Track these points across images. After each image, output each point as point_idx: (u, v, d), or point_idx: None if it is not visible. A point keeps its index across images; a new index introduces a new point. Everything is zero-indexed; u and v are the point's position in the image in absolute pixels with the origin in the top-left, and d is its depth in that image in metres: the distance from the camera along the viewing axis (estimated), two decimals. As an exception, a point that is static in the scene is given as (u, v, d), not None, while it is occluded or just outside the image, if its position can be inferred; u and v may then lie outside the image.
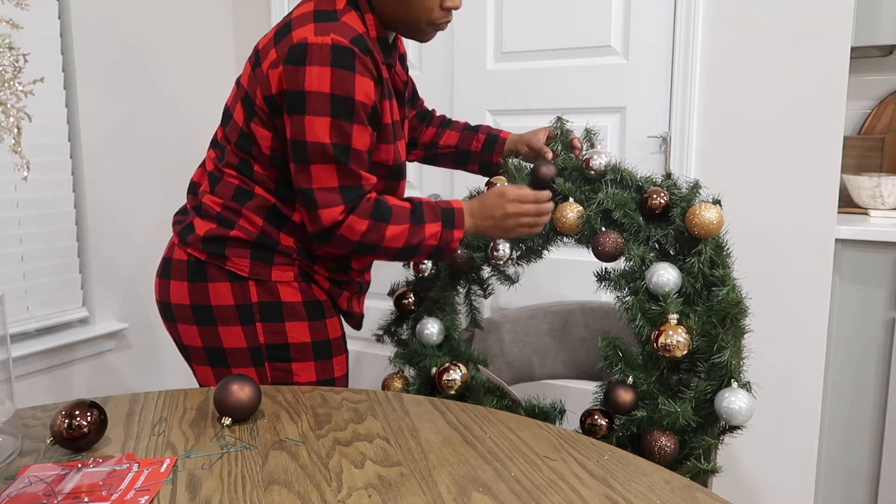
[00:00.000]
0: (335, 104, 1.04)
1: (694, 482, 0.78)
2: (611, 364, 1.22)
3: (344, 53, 1.03)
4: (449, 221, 1.16)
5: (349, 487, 0.76)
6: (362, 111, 1.07)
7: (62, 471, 0.80)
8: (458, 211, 1.17)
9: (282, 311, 1.19)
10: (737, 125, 1.83)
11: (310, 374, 1.22)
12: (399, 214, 1.14)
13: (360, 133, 1.08)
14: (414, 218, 1.15)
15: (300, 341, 1.21)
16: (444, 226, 1.15)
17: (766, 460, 1.89)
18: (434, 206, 1.17)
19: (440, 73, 2.20)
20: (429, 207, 1.16)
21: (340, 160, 1.08)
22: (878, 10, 1.86)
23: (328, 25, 1.05)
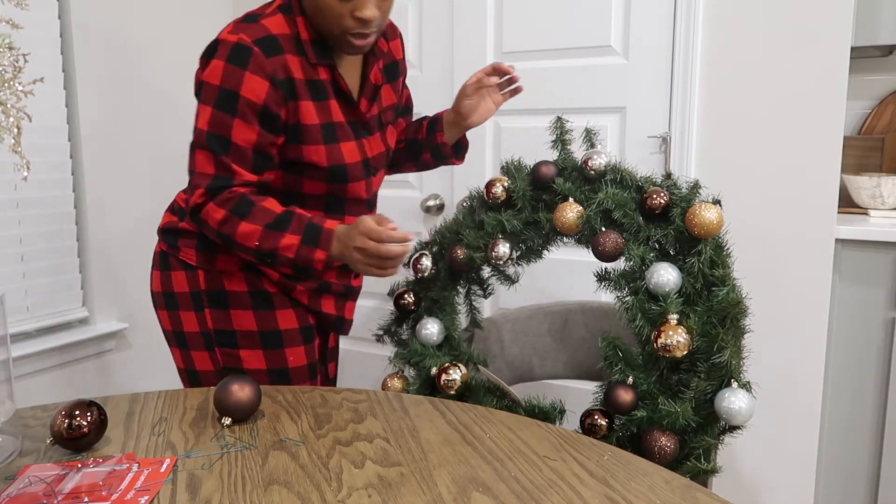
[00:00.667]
0: (220, 96, 1.09)
1: (694, 482, 0.78)
2: (611, 364, 1.22)
3: (241, 51, 1.08)
4: (312, 239, 1.10)
5: (349, 487, 0.76)
6: (248, 108, 1.09)
7: (62, 471, 0.80)
8: (325, 231, 1.11)
9: (227, 299, 1.25)
10: (737, 125, 1.83)
11: (259, 361, 1.26)
12: (259, 215, 1.11)
13: (241, 129, 1.10)
14: (273, 224, 1.11)
15: (246, 329, 1.25)
16: (303, 241, 1.10)
17: (766, 460, 1.89)
18: (305, 220, 1.12)
19: (440, 73, 2.20)
20: (298, 220, 1.12)
21: (214, 150, 1.11)
22: (878, 10, 1.86)
23: (244, 26, 1.11)
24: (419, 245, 1.51)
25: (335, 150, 1.19)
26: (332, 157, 1.19)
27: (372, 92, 1.24)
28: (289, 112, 1.13)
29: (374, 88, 1.24)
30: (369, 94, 1.24)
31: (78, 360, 2.01)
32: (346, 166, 1.20)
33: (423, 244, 1.50)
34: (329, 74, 1.17)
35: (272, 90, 1.10)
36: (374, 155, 1.27)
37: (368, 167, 1.26)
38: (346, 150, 1.20)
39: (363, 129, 1.24)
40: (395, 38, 1.33)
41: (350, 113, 1.21)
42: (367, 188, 1.27)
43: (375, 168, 1.29)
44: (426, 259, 1.46)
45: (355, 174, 1.22)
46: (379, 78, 1.26)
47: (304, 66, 1.14)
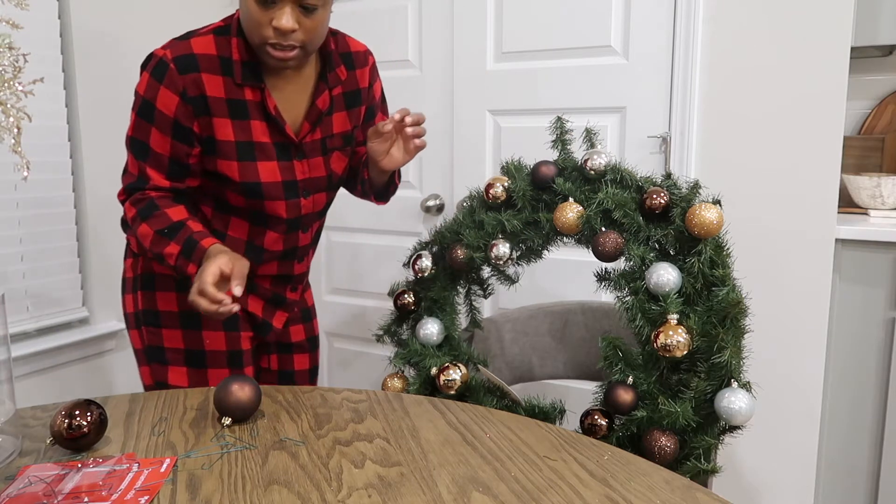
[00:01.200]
0: (142, 105, 1.18)
1: (694, 482, 0.78)
2: (611, 364, 1.22)
3: (161, 66, 1.16)
4: (187, 252, 1.15)
5: (349, 487, 0.76)
6: (162, 119, 1.17)
7: (62, 471, 0.80)
8: (199, 248, 1.14)
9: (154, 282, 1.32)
10: (737, 125, 1.83)
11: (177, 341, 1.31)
12: (157, 220, 1.18)
13: (158, 137, 1.19)
14: (164, 230, 1.17)
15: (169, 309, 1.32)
16: (181, 252, 1.16)
17: (766, 460, 1.89)
18: (188, 234, 1.16)
19: (440, 73, 2.20)
20: (184, 232, 1.16)
21: (136, 154, 1.21)
22: (878, 10, 1.86)
23: (173, 42, 1.18)
24: (419, 245, 1.51)
25: (249, 167, 1.22)
26: (244, 173, 1.22)
27: (315, 116, 1.27)
28: (201, 126, 1.19)
29: (319, 114, 1.27)
30: (312, 118, 1.27)
31: (78, 360, 2.01)
32: (260, 184, 1.23)
33: (423, 244, 1.50)
34: (258, 96, 1.21)
35: (181, 105, 1.16)
36: (308, 178, 1.29)
37: (295, 189, 1.28)
38: (264, 170, 1.24)
39: (296, 152, 1.27)
40: (363, 66, 1.34)
41: (277, 134, 1.24)
42: (291, 209, 1.29)
43: (307, 190, 1.30)
44: (426, 259, 1.45)
45: (273, 193, 1.25)
46: (327, 104, 1.28)
47: (228, 86, 1.19)
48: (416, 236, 2.28)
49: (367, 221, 2.41)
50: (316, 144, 1.29)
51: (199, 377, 1.31)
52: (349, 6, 2.33)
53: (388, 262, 2.38)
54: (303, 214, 1.32)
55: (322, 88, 1.27)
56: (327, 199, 1.37)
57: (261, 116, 1.22)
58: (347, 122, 1.33)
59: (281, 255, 1.35)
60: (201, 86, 1.17)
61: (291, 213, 1.29)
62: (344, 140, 1.34)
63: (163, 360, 1.31)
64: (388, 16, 2.26)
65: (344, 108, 1.32)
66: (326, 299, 2.56)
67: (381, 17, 2.28)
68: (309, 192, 1.31)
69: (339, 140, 1.33)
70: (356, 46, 1.35)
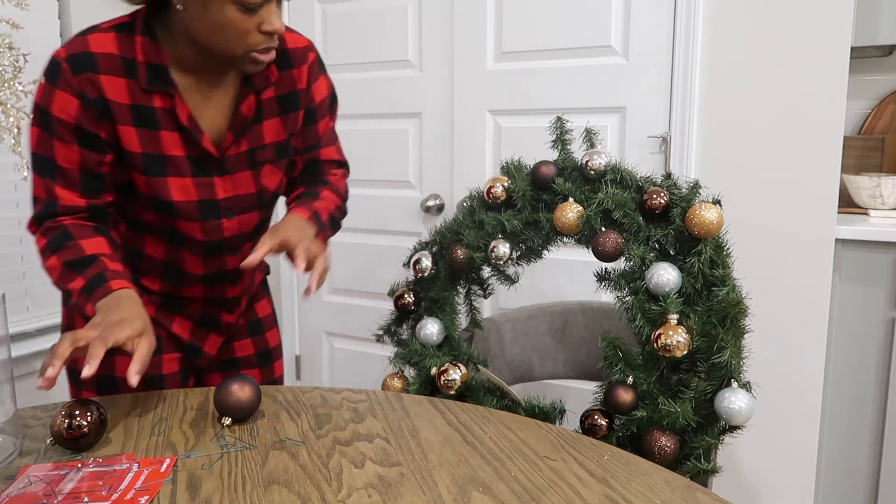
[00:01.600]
0: (39, 115, 1.02)
1: (694, 482, 0.78)
2: (611, 364, 1.22)
3: (54, 66, 1.01)
4: (90, 290, 0.99)
5: (349, 487, 0.76)
6: (62, 127, 1.01)
7: (62, 471, 0.80)
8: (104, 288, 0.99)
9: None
10: (737, 125, 1.83)
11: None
12: (67, 252, 1.01)
13: (62, 149, 1.02)
14: (72, 263, 1.01)
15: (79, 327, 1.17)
16: (83, 289, 0.99)
17: (766, 460, 1.89)
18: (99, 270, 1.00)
19: (440, 73, 2.20)
20: (94, 267, 1.00)
21: (41, 173, 1.04)
22: (878, 10, 1.86)
23: (70, 40, 1.04)
24: (419, 245, 1.51)
25: (159, 183, 1.07)
26: (153, 189, 1.07)
27: (240, 125, 1.10)
28: (108, 133, 1.04)
29: (244, 122, 1.10)
30: (236, 127, 1.10)
31: (78, 360, 2.01)
32: (171, 203, 1.08)
33: (423, 244, 1.50)
34: (167, 102, 1.05)
35: (82, 108, 1.01)
36: (232, 196, 1.13)
37: (215, 209, 1.12)
38: (175, 187, 1.08)
39: (217, 167, 1.10)
40: (301, 64, 1.15)
41: (193, 147, 1.08)
42: (210, 231, 1.13)
43: (230, 210, 1.13)
44: (426, 259, 1.45)
45: (187, 214, 1.10)
46: (253, 110, 1.11)
47: (133, 90, 1.03)
48: (416, 236, 2.28)
49: (367, 221, 2.41)
50: (242, 157, 1.12)
51: None
52: (349, 6, 2.33)
53: (388, 262, 2.38)
54: (226, 237, 1.15)
55: (247, 92, 1.09)
56: (260, 217, 1.20)
57: (172, 126, 1.06)
58: (282, 131, 1.16)
59: (203, 278, 1.19)
60: (100, 88, 1.01)
61: (211, 235, 1.14)
62: (277, 151, 1.16)
63: (77, 384, 1.19)
64: (388, 16, 2.26)
65: (277, 113, 1.14)
66: (326, 299, 2.56)
67: (381, 17, 2.28)
68: (233, 213, 1.14)
69: (272, 152, 1.15)
70: (294, 42, 1.15)
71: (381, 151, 2.35)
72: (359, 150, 2.39)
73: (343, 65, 2.38)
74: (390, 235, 2.37)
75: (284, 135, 1.16)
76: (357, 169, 2.41)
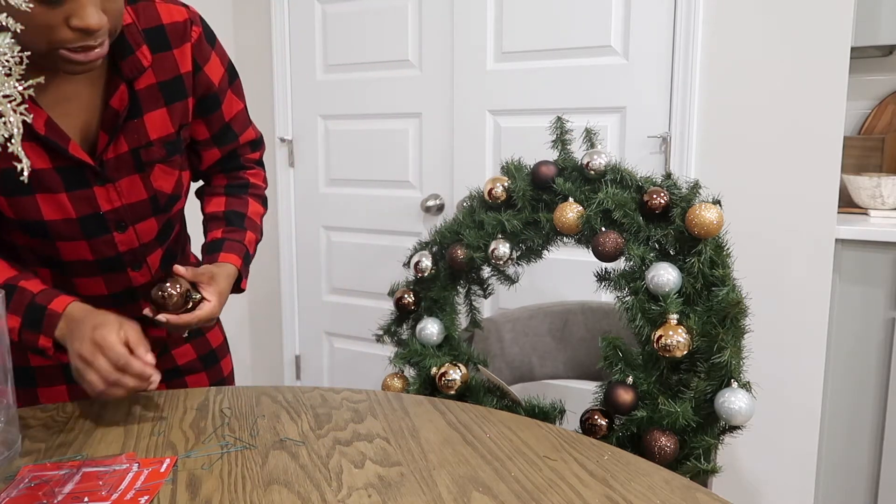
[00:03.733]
0: None
1: (694, 482, 0.78)
2: (611, 364, 1.22)
3: None
4: (33, 323, 0.89)
5: (349, 487, 0.76)
6: None
7: (62, 471, 0.80)
8: (49, 314, 0.88)
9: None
10: (737, 125, 1.83)
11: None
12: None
13: None
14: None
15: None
16: (23, 324, 0.89)
17: (766, 460, 1.89)
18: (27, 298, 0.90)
19: (440, 73, 2.20)
20: (20, 296, 0.89)
21: None
22: (878, 10, 1.86)
23: None
24: (419, 245, 1.51)
25: (25, 204, 0.92)
26: (20, 211, 0.93)
27: (113, 122, 0.94)
28: None
29: (116, 117, 0.94)
30: (108, 125, 0.94)
31: (78, 360, 2.01)
32: (44, 224, 0.94)
33: (423, 244, 1.50)
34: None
35: None
36: (120, 206, 0.99)
37: (101, 224, 0.98)
38: (47, 205, 0.93)
39: (94, 176, 0.95)
40: (182, 42, 0.99)
41: (59, 157, 0.92)
42: (99, 249, 1.00)
43: (122, 222, 1.00)
44: (426, 259, 1.46)
45: (66, 233, 0.96)
46: (125, 102, 0.94)
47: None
48: (416, 236, 2.28)
49: (367, 221, 2.41)
50: (124, 160, 0.97)
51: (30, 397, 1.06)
52: (349, 6, 2.33)
53: (388, 262, 2.38)
54: (122, 252, 1.02)
55: (116, 83, 0.93)
56: (160, 224, 1.05)
57: (27, 136, 0.89)
58: (169, 124, 1.00)
59: (110, 299, 1.05)
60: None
61: (102, 253, 1.00)
62: (168, 148, 1.01)
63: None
64: (388, 16, 2.26)
65: (162, 104, 0.98)
66: (326, 299, 2.56)
67: (381, 17, 2.28)
68: (125, 225, 1.00)
69: (160, 149, 1.00)
70: (171, 16, 0.97)
71: (381, 151, 2.35)
72: (359, 150, 2.40)
73: (343, 65, 2.38)
74: (390, 235, 2.37)
75: (173, 128, 1.01)
76: (357, 169, 2.41)
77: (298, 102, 2.49)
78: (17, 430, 0.87)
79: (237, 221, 1.11)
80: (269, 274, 2.65)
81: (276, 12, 2.45)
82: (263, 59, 2.51)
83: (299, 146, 2.51)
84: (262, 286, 2.69)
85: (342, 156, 2.43)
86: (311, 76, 2.45)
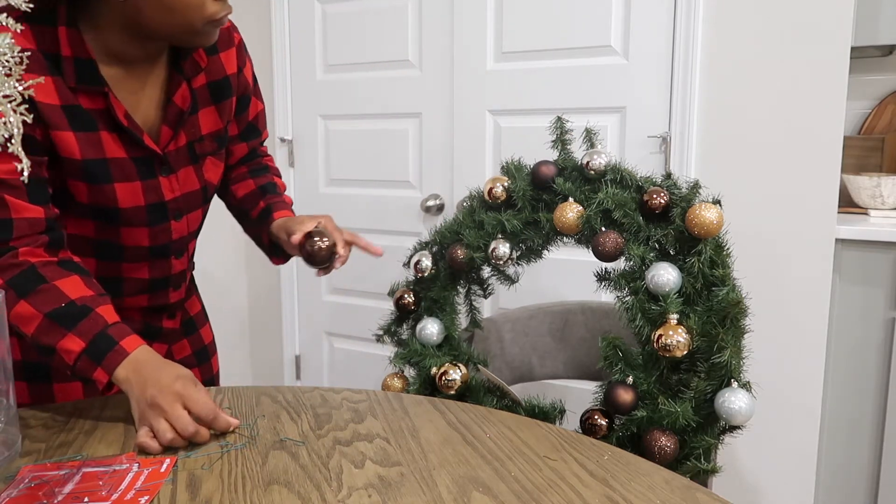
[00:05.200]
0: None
1: (694, 482, 0.78)
2: (611, 364, 1.22)
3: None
4: (96, 353, 0.87)
5: (349, 487, 0.76)
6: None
7: (62, 471, 0.80)
8: (117, 350, 0.88)
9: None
10: (737, 125, 1.83)
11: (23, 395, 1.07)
12: (45, 297, 0.88)
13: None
14: (59, 314, 0.88)
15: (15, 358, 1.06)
16: (85, 351, 0.88)
17: (766, 460, 1.89)
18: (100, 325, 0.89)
19: (440, 73, 2.20)
20: (91, 321, 0.88)
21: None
22: (878, 10, 1.86)
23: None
24: (419, 245, 1.51)
25: (104, 191, 0.97)
26: (97, 198, 0.97)
27: (176, 118, 1.02)
28: (43, 135, 0.91)
29: (180, 114, 1.02)
30: (172, 120, 1.02)
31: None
32: (118, 210, 0.99)
33: (423, 244, 1.50)
34: (100, 101, 0.95)
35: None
36: (179, 196, 1.06)
37: (164, 212, 1.04)
38: (124, 193, 0.99)
39: (161, 166, 1.02)
40: (228, 47, 1.09)
41: (134, 147, 0.99)
42: (156, 236, 1.05)
43: (179, 211, 1.06)
44: (426, 259, 1.45)
45: (134, 220, 1.01)
46: (187, 100, 1.03)
47: (61, 89, 0.91)
48: (416, 236, 2.28)
49: (368, 221, 2.41)
50: (182, 153, 1.05)
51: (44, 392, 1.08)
52: (349, 6, 2.33)
53: (388, 262, 2.38)
54: (174, 240, 1.08)
55: (178, 81, 1.01)
56: (203, 214, 1.14)
57: (109, 126, 0.96)
58: (218, 120, 1.09)
59: (149, 285, 1.10)
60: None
61: (158, 240, 1.06)
62: (217, 142, 1.10)
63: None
64: (388, 16, 2.26)
65: (211, 102, 1.07)
66: (326, 299, 2.56)
67: (381, 17, 2.28)
68: (181, 213, 1.07)
69: (211, 143, 1.09)
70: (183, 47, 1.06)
71: (381, 151, 2.35)
72: (359, 150, 2.40)
73: (343, 65, 2.38)
74: (390, 235, 2.37)
75: (221, 123, 1.10)
76: (357, 169, 2.41)
77: (298, 102, 2.49)
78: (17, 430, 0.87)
79: (272, 190, 1.21)
80: (269, 274, 2.65)
81: (276, 12, 2.45)
82: (263, 59, 2.51)
83: (299, 146, 2.51)
84: (262, 286, 2.69)
85: (342, 156, 2.43)
86: (311, 76, 2.45)
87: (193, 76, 1.04)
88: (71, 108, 0.93)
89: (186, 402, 0.85)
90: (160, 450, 0.84)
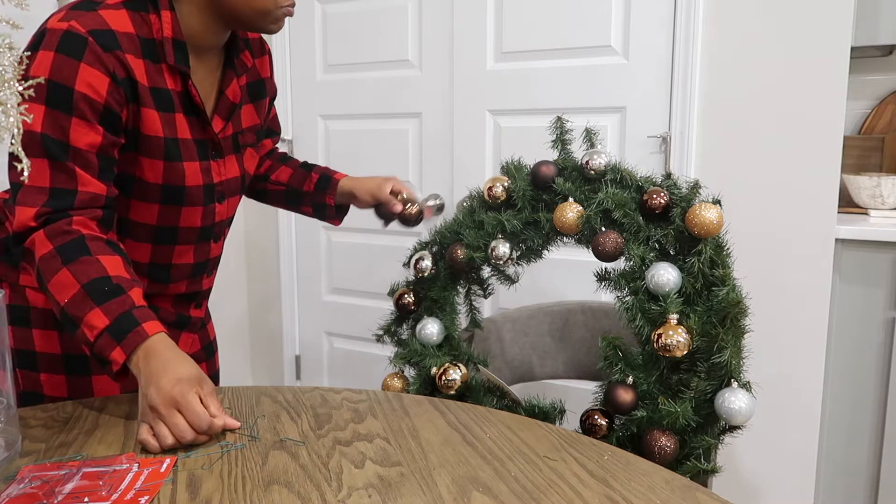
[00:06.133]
0: (51, 91, 0.91)
1: (694, 482, 0.78)
2: (611, 364, 1.22)
3: (74, 40, 0.91)
4: (118, 331, 0.88)
5: (349, 487, 0.76)
6: (86, 106, 0.93)
7: (62, 471, 0.80)
8: (137, 333, 0.88)
9: (29, 315, 1.08)
10: (737, 125, 1.83)
11: (60, 388, 1.09)
12: (86, 268, 0.90)
13: (81, 130, 0.93)
14: (93, 286, 0.89)
15: (48, 351, 1.08)
16: (107, 328, 0.88)
17: (766, 460, 1.89)
18: (128, 304, 0.90)
19: (440, 73, 2.20)
20: (123, 302, 0.89)
21: (52, 155, 0.93)
22: (878, 10, 1.86)
23: (77, 13, 0.94)
24: (419, 245, 1.51)
25: (176, 169, 1.04)
26: (170, 176, 1.04)
27: (228, 110, 1.11)
28: (129, 115, 0.98)
29: (231, 106, 1.11)
30: (224, 111, 1.11)
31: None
32: (184, 189, 1.06)
33: (423, 244, 1.50)
34: (179, 84, 1.03)
35: (113, 87, 0.94)
36: (224, 180, 1.13)
37: (213, 193, 1.11)
38: (190, 172, 1.06)
39: (214, 151, 1.10)
40: (263, 54, 1.22)
41: (199, 130, 1.07)
42: (206, 216, 1.12)
43: (223, 194, 1.14)
44: (426, 259, 1.46)
45: (194, 199, 1.08)
46: (238, 95, 1.12)
47: (149, 71, 0.99)
48: (416, 236, 2.28)
49: (368, 221, 2.41)
50: (229, 142, 1.13)
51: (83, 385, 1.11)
52: (349, 6, 2.33)
53: (388, 262, 2.38)
54: (216, 222, 1.15)
55: (230, 76, 1.11)
56: (238, 201, 1.22)
57: (183, 108, 1.04)
58: (255, 116, 1.19)
59: (193, 269, 1.16)
60: (129, 68, 0.95)
61: (206, 220, 1.13)
62: (256, 135, 1.20)
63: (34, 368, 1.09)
64: (388, 16, 2.26)
65: (250, 100, 1.18)
66: (326, 299, 2.56)
67: (381, 17, 2.28)
68: (224, 196, 1.15)
69: (251, 136, 1.18)
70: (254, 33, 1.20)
71: (381, 151, 2.35)
72: (359, 150, 2.40)
73: (343, 65, 2.38)
74: (390, 235, 2.37)
75: (258, 119, 1.21)
76: (357, 169, 2.41)
77: (298, 102, 2.49)
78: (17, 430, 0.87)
79: (309, 164, 1.36)
80: (269, 274, 2.65)
81: (276, 12, 2.45)
82: (263, 59, 2.51)
83: (299, 146, 2.51)
84: (262, 286, 2.69)
85: (342, 156, 2.43)
86: (311, 76, 2.45)
87: (241, 74, 1.14)
88: (157, 90, 1.00)
89: (182, 409, 0.85)
90: (160, 449, 0.85)
